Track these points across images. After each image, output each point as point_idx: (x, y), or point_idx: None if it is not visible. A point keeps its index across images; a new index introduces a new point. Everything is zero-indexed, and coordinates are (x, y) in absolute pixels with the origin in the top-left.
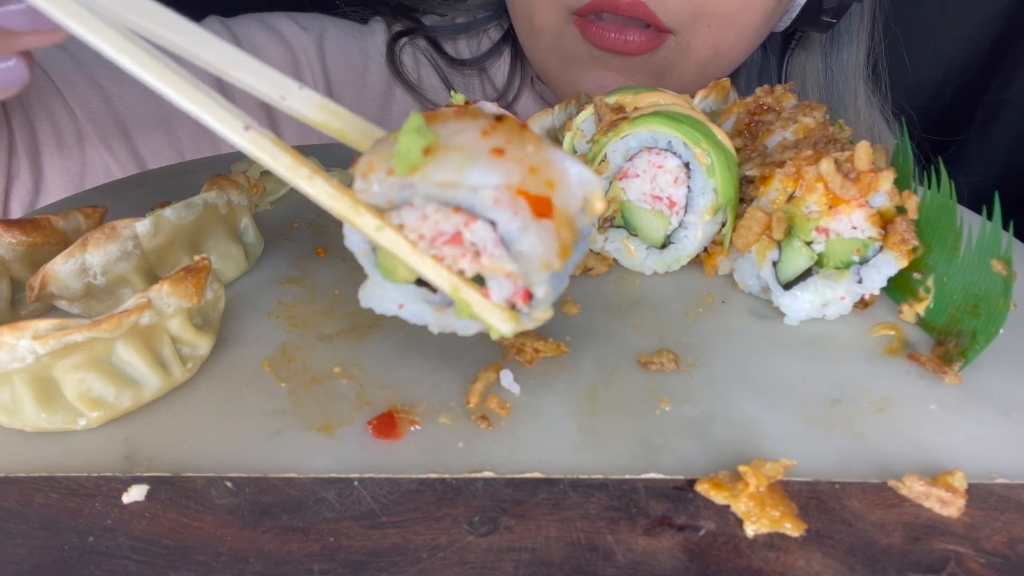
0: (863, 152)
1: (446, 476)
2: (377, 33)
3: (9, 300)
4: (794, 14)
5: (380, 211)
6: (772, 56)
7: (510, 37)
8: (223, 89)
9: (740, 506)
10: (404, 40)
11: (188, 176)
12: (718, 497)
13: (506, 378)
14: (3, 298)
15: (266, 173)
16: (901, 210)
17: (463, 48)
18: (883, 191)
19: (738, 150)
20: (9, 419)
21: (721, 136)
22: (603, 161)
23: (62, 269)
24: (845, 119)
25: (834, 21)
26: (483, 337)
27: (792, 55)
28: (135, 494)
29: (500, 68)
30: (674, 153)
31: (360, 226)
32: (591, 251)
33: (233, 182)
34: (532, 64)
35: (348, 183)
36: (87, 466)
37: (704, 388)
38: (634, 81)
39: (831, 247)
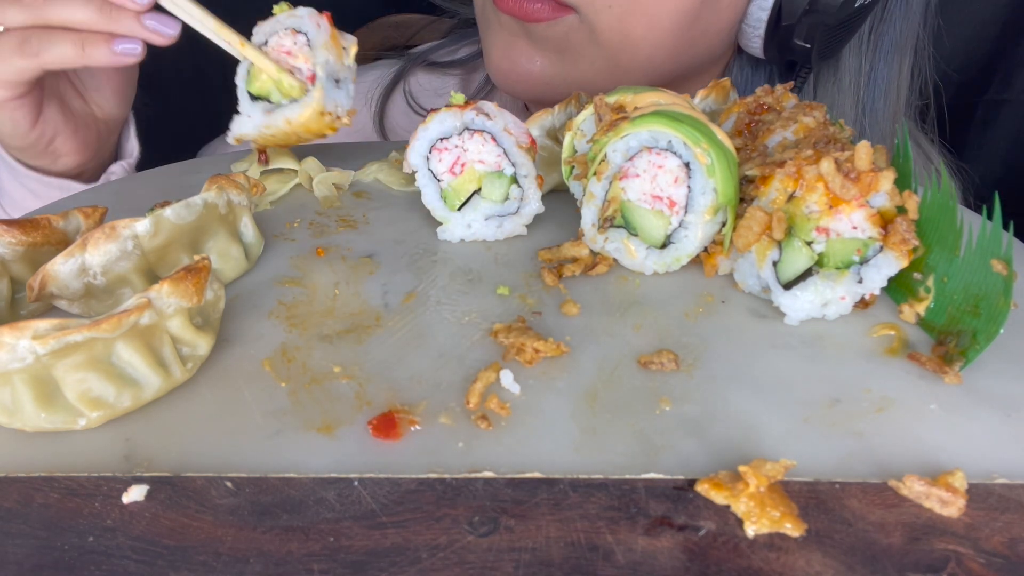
0: (863, 152)
1: (446, 476)
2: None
3: (9, 300)
4: (760, 31)
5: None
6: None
7: None
8: None
9: (740, 506)
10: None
11: (188, 176)
12: (718, 497)
13: (506, 378)
14: (3, 298)
15: (266, 173)
16: (901, 210)
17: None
18: (883, 191)
19: (738, 150)
20: (9, 419)
21: (721, 136)
22: (603, 161)
23: (62, 269)
24: (875, 128)
25: (807, 46)
26: (483, 337)
27: (816, 82)
28: (135, 494)
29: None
30: (674, 153)
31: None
32: (591, 251)
33: (233, 182)
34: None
35: (348, 182)
36: (87, 466)
37: (704, 388)
38: (537, 52)
39: (831, 247)
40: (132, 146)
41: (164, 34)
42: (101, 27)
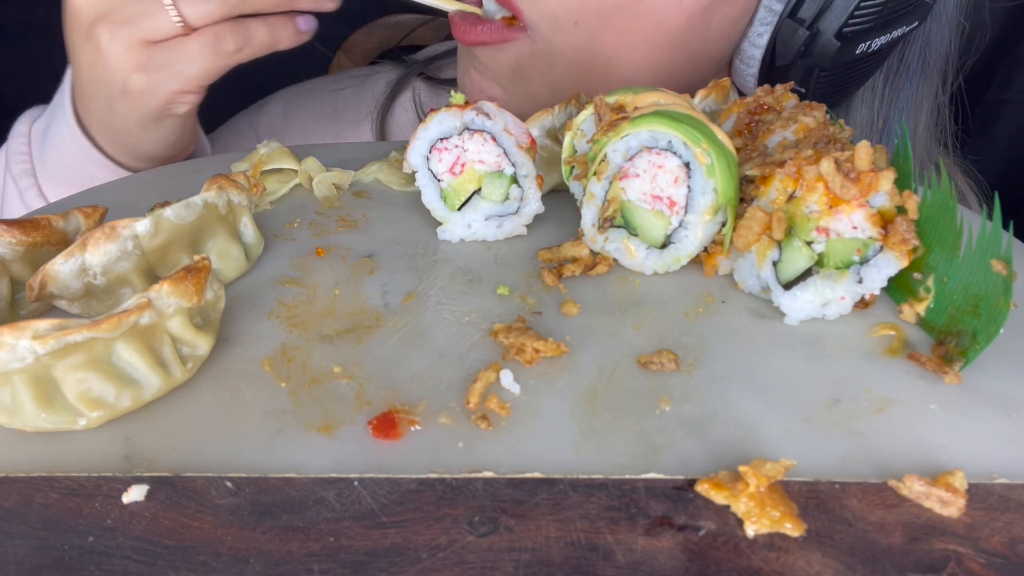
0: (863, 152)
1: (446, 476)
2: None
3: (9, 300)
4: (754, 69)
5: None
6: None
7: None
8: None
9: (740, 506)
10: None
11: (188, 176)
12: (718, 497)
13: (506, 378)
14: (3, 298)
15: (266, 173)
16: (901, 210)
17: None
18: (883, 191)
19: (738, 150)
20: (9, 419)
21: (721, 136)
22: (603, 161)
23: (62, 269)
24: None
25: (801, 91)
26: (483, 337)
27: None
28: (135, 494)
29: None
30: (674, 153)
31: None
32: (591, 251)
33: (233, 182)
34: None
35: (348, 182)
36: (87, 466)
37: (704, 388)
38: (493, 80)
39: (831, 247)
40: (205, 145)
41: None
42: (286, 6)
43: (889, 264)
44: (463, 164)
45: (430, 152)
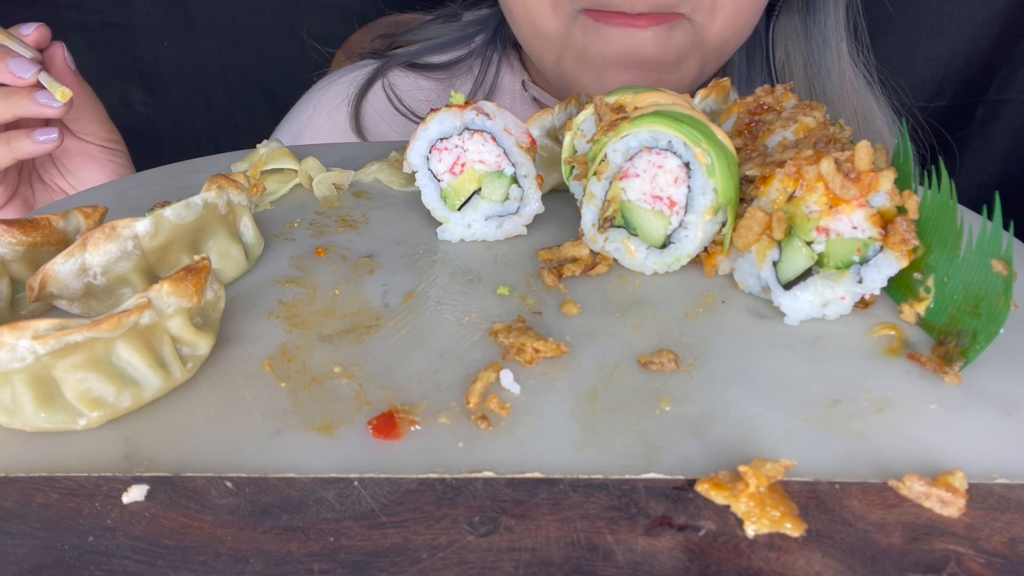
0: (863, 152)
1: (446, 476)
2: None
3: (9, 300)
4: None
5: None
6: (760, 26)
7: (495, 43)
8: None
9: (740, 506)
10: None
11: (188, 176)
12: (718, 497)
13: (506, 378)
14: (3, 298)
15: (266, 173)
16: (901, 210)
17: (441, 57)
18: (883, 191)
19: (738, 150)
20: (9, 419)
21: (721, 136)
22: (603, 161)
23: (62, 269)
24: (828, 83)
25: None
26: (483, 337)
27: (776, 23)
28: (135, 494)
29: (473, 74)
30: (674, 153)
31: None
32: (591, 251)
33: (233, 182)
34: (545, 72)
35: (348, 182)
36: (87, 466)
37: (704, 388)
38: (654, 68)
39: (831, 247)
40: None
41: (53, 106)
42: (4, 114)
43: (889, 264)
44: (463, 164)
45: (430, 152)
